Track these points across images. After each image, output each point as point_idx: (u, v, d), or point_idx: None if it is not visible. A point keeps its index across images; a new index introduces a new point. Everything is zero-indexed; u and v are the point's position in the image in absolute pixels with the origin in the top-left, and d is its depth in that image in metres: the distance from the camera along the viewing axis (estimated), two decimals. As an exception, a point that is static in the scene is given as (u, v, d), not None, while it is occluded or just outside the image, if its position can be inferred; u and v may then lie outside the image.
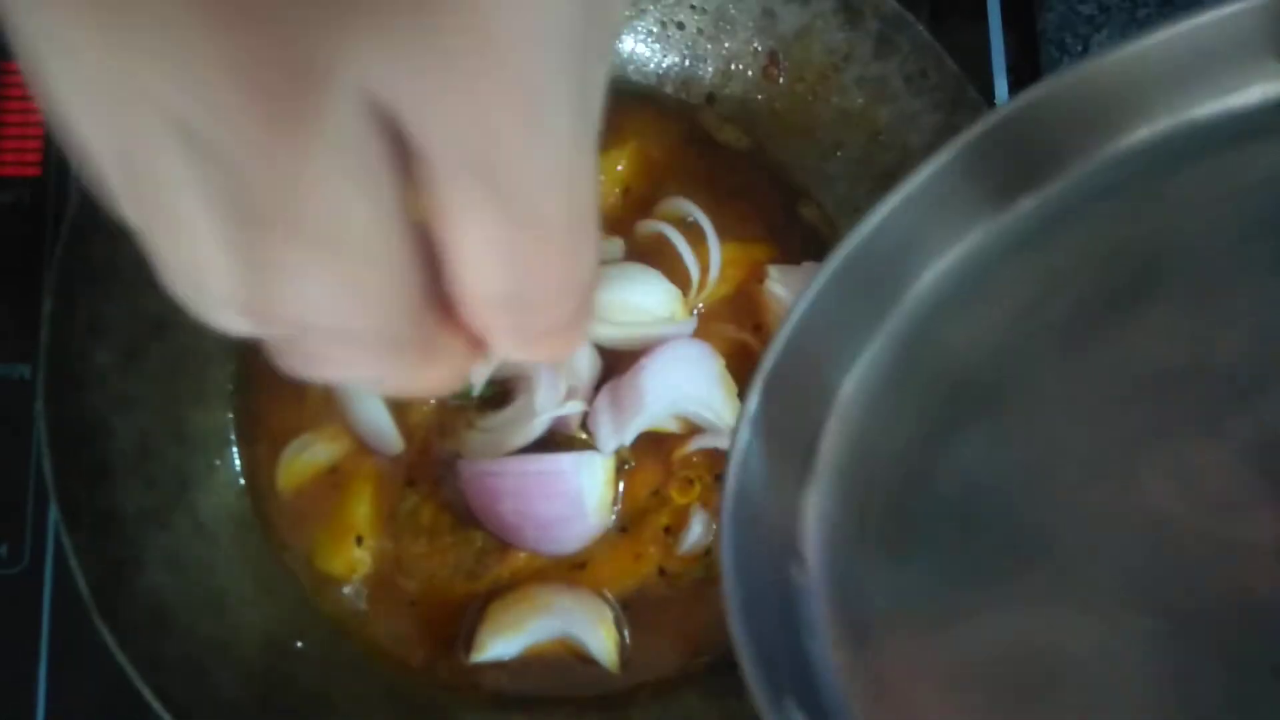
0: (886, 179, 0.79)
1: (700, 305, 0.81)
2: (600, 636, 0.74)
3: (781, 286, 0.79)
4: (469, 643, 0.74)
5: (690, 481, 0.79)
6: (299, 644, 0.72)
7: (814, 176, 0.83)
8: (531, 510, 0.72)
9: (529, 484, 0.72)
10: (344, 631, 0.75)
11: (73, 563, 0.63)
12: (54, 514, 0.64)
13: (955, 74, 0.71)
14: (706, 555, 0.78)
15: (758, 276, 0.81)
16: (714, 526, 0.78)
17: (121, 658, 0.61)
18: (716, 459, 0.78)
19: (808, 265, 0.81)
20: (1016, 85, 0.93)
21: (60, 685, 0.79)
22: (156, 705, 0.61)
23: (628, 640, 0.76)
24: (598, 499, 0.73)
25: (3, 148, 0.85)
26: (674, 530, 0.78)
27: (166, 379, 0.73)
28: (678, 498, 0.78)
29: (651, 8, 0.83)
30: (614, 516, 0.77)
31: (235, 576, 0.72)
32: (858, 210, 0.84)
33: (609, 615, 0.76)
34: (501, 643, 0.74)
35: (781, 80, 0.81)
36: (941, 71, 0.72)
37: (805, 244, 0.83)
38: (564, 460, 0.72)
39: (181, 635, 0.66)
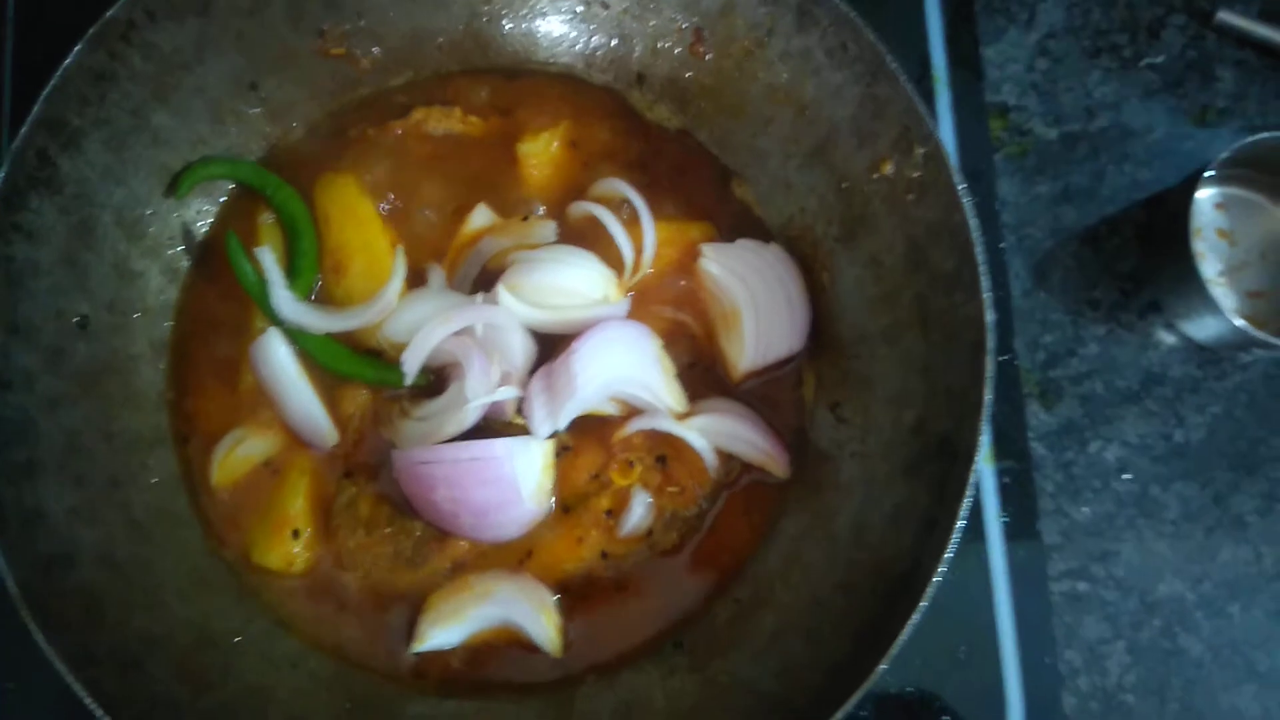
0: (816, 154, 0.79)
1: (636, 285, 0.80)
2: (541, 622, 0.74)
3: (716, 265, 0.79)
4: (410, 633, 0.74)
5: (630, 464, 0.78)
6: (236, 639, 0.72)
7: (745, 154, 0.82)
8: (466, 497, 0.72)
9: (462, 471, 0.71)
10: (283, 625, 0.75)
11: (0, 561, 0.63)
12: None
13: (873, 45, 0.70)
14: (648, 537, 0.78)
15: (692, 255, 0.80)
16: (655, 508, 0.78)
17: (50, 652, 0.61)
18: (656, 440, 0.78)
19: (742, 243, 0.80)
20: (955, 55, 0.92)
21: (4, 690, 0.79)
22: (87, 699, 0.61)
23: (570, 625, 0.76)
24: (534, 484, 0.73)
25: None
26: (615, 513, 0.77)
27: (94, 379, 0.73)
28: (618, 480, 0.78)
29: (575, -12, 0.82)
30: (553, 501, 0.77)
31: (170, 572, 0.72)
32: (789, 187, 0.84)
33: (550, 601, 0.75)
34: (442, 632, 0.73)
35: (708, 57, 0.80)
36: (860, 43, 0.71)
37: (738, 222, 0.82)
38: (495, 446, 0.72)
39: (113, 630, 0.66)
